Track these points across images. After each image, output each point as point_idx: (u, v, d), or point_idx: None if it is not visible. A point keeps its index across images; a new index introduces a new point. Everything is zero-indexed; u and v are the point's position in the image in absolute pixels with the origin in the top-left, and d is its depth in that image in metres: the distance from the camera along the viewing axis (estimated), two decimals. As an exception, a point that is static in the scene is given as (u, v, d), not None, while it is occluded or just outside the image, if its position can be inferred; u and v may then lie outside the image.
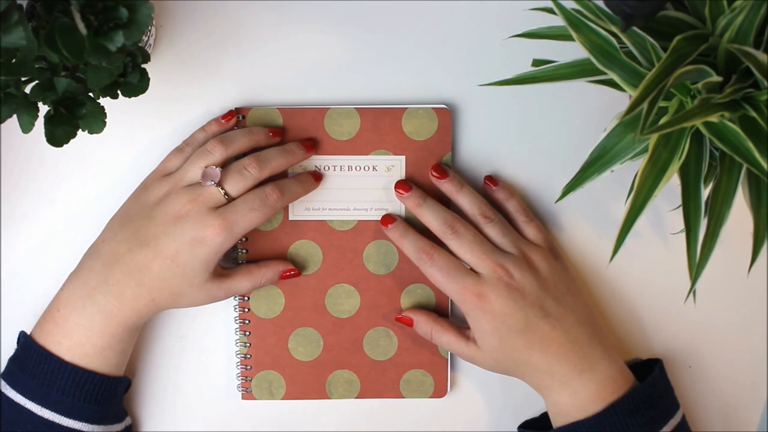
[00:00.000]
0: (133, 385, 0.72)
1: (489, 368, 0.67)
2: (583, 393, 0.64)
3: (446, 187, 0.69)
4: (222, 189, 0.64)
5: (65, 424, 0.64)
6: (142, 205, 0.66)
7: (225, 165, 0.66)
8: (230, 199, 0.65)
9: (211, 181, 0.64)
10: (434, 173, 0.69)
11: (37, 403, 0.64)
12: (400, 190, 0.69)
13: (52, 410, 0.64)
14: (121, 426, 0.68)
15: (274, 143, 0.68)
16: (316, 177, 0.69)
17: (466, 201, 0.68)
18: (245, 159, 0.66)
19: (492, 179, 0.70)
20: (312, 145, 0.69)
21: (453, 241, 0.66)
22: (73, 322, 0.64)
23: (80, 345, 0.64)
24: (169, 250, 0.63)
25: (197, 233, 0.63)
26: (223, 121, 0.68)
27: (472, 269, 0.66)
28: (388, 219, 0.69)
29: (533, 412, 0.72)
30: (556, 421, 0.66)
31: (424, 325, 0.69)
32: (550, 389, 0.66)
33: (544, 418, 0.71)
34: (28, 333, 0.67)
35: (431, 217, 0.67)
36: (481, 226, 0.67)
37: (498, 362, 0.66)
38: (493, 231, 0.67)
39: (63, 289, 0.66)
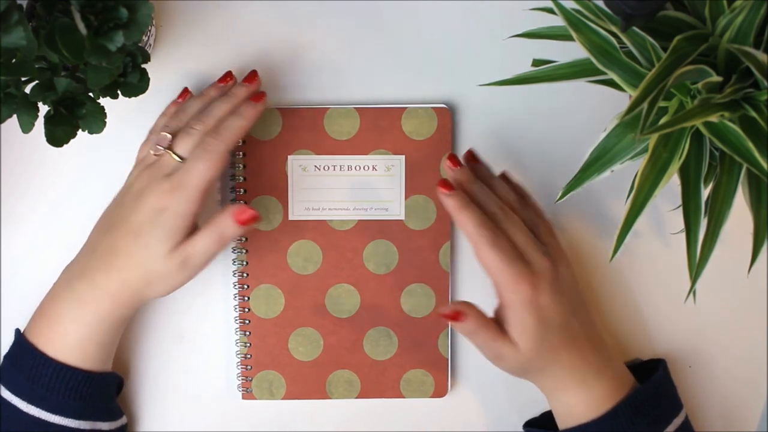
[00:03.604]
0: (133, 385, 0.72)
1: (513, 369, 0.64)
2: (598, 392, 0.64)
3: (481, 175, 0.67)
4: (174, 154, 0.64)
5: (51, 420, 0.63)
6: (118, 195, 0.67)
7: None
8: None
9: (159, 146, 0.64)
10: (468, 158, 0.67)
11: (24, 400, 0.63)
12: (450, 164, 0.65)
13: (37, 406, 0.63)
14: (113, 425, 0.67)
15: (228, 90, 0.67)
16: (256, 98, 0.65)
17: (499, 187, 0.66)
18: (190, 119, 0.65)
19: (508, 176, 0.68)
20: (252, 76, 0.67)
21: (508, 222, 0.63)
22: (55, 312, 0.64)
23: (61, 335, 0.64)
24: (133, 225, 0.63)
25: (156, 202, 0.62)
26: (180, 100, 0.68)
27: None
28: (448, 184, 0.63)
29: (534, 412, 0.72)
30: (565, 422, 0.65)
31: (473, 321, 0.62)
32: (566, 389, 0.64)
33: (545, 417, 0.71)
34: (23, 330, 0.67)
35: (486, 198, 0.64)
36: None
37: (529, 361, 0.63)
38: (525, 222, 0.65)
39: (54, 283, 0.66)
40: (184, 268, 0.63)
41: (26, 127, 0.54)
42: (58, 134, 0.55)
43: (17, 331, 0.67)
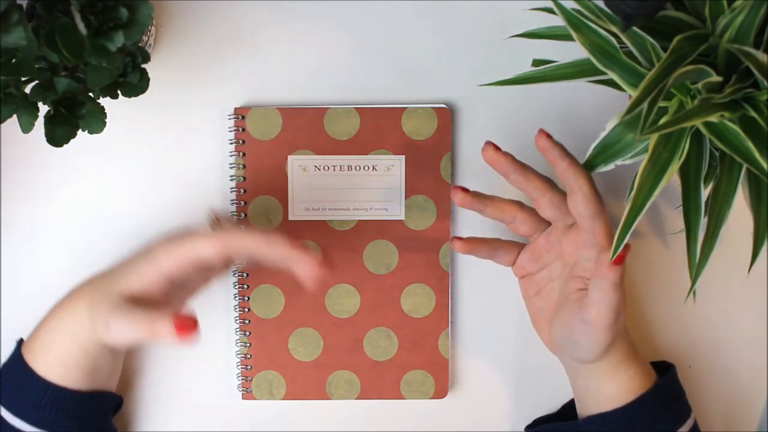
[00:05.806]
0: (133, 386, 0.72)
1: (608, 340, 0.61)
2: (630, 380, 0.63)
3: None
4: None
5: None
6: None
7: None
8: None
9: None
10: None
11: (11, 412, 0.62)
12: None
13: (24, 420, 0.62)
14: None
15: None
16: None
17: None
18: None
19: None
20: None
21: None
22: (45, 328, 0.63)
23: (46, 353, 0.62)
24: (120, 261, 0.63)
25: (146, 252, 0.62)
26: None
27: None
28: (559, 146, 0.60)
29: (535, 413, 0.72)
30: (590, 410, 0.64)
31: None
32: (629, 363, 0.63)
33: (549, 419, 0.71)
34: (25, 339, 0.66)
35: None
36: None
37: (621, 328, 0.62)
38: None
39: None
40: (108, 330, 0.60)
41: (26, 127, 0.54)
42: (58, 134, 0.55)
43: (18, 341, 0.66)
